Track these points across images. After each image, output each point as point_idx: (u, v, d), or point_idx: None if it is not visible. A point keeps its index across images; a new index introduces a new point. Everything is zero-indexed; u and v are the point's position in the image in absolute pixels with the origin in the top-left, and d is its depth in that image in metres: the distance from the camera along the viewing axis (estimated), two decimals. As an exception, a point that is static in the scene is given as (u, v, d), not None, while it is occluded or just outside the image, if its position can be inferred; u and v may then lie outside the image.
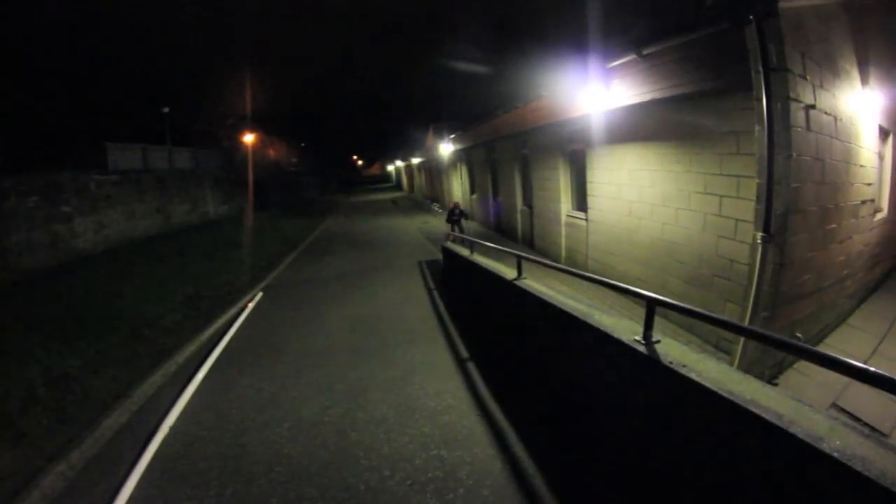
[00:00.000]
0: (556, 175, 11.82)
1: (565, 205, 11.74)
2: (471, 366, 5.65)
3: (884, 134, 8.54)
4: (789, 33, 5.17)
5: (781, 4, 5.05)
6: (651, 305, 3.25)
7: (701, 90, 6.14)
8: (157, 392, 5.59)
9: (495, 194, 18.45)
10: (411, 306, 8.35)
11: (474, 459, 3.77)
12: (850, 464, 1.81)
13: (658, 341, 3.18)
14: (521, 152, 14.68)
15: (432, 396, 4.92)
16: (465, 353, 6.03)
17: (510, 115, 13.81)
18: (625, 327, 3.55)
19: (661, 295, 6.43)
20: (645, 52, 6.77)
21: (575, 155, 10.81)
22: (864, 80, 7.06)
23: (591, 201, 9.96)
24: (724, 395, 2.40)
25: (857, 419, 5.03)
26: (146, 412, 5.09)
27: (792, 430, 2.04)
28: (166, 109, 23.75)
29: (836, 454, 1.86)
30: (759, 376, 5.51)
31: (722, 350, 6.28)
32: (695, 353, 3.02)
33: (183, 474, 3.90)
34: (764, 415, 2.18)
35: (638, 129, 7.76)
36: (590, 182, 9.87)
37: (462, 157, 23.22)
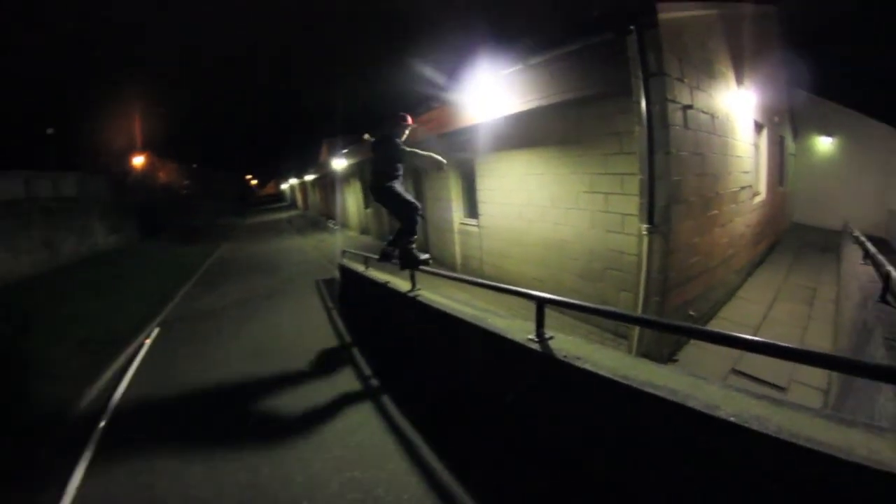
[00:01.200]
0: (448, 184, 11.91)
1: (458, 213, 11.88)
2: (374, 382, 5.63)
3: (758, 127, 9.49)
4: (668, 41, 5.60)
5: (661, 16, 5.48)
6: (541, 305, 3.41)
7: (585, 95, 6.49)
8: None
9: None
10: (311, 329, 8.18)
11: (390, 476, 3.74)
12: (747, 425, 1.98)
13: (552, 337, 3.32)
14: (414, 163, 14.15)
15: (341, 418, 4.85)
16: (367, 371, 5.98)
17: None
18: (518, 328, 3.68)
19: (557, 291, 6.79)
20: (532, 61, 7.13)
21: (466, 163, 10.93)
22: (739, 81, 7.79)
23: (482, 208, 10.23)
24: (620, 380, 2.54)
25: (757, 379, 5.54)
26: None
27: (689, 403, 2.19)
28: (50, 131, 21.75)
29: (732, 419, 2.03)
30: (659, 355, 5.90)
31: (621, 336, 6.66)
32: (589, 344, 3.19)
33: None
34: (660, 393, 2.33)
35: (526, 135, 8.08)
36: (480, 189, 10.16)
37: (356, 171, 22.93)
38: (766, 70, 10.17)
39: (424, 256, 5.67)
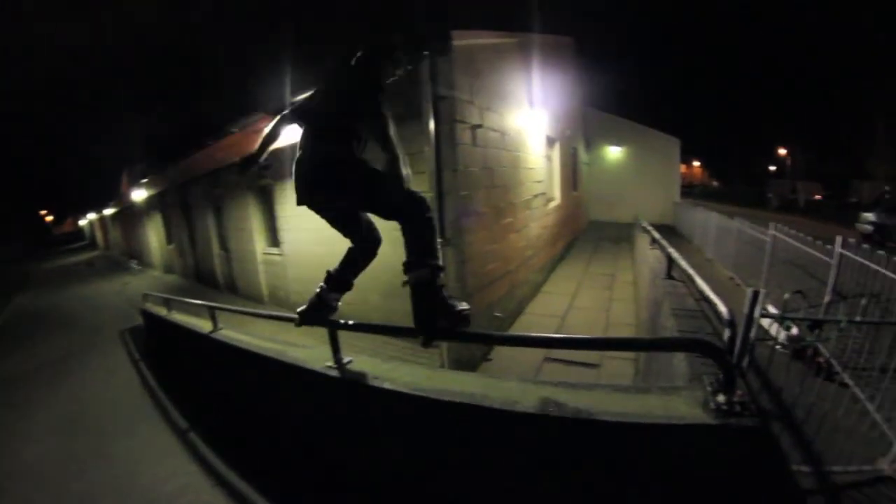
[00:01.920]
0: (249, 213, 11.74)
1: (260, 243, 11.60)
2: (192, 435, 5.27)
3: (551, 141, 10.62)
4: (460, 66, 6.04)
5: (456, 42, 5.88)
6: (334, 331, 3.39)
7: None
8: None
9: (192, 241, 16.97)
10: (120, 385, 7.47)
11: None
12: (546, 412, 2.12)
13: (350, 361, 3.33)
14: (214, 193, 13.86)
15: (164, 480, 4.51)
16: (183, 424, 5.61)
17: (202, 153, 12.89)
18: (318, 356, 3.63)
19: (364, 311, 7.03)
20: None
21: (266, 191, 10.73)
22: (532, 101, 8.64)
23: (283, 235, 10.10)
24: (418, 393, 2.61)
25: (571, 362, 6.16)
26: None
27: (486, 403, 2.31)
28: None
29: (531, 410, 2.16)
30: (471, 359, 6.34)
31: (434, 346, 6.73)
32: (386, 364, 3.25)
33: None
34: (457, 399, 2.42)
35: None
36: (280, 216, 10.05)
37: (157, 203, 20.72)
38: (559, 90, 11.32)
39: (463, 307, 2.62)
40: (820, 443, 3.47)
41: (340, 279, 3.30)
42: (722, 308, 3.63)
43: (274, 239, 10.84)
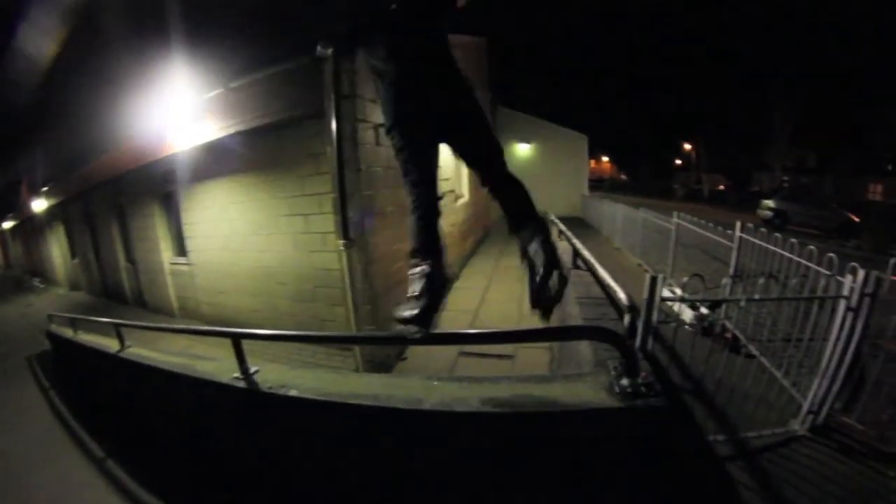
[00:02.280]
0: (154, 222, 10.98)
1: (167, 252, 11.00)
2: (110, 463, 4.94)
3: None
4: (365, 63, 6.02)
5: None
6: (237, 340, 3.26)
7: (283, 119, 6.59)
8: None
9: (97, 254, 15.84)
10: (30, 416, 6.86)
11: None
12: (451, 409, 2.14)
13: (257, 371, 3.24)
14: (118, 201, 12.97)
15: None
16: (99, 453, 5.23)
17: (104, 159, 12.12)
18: (226, 368, 3.48)
19: (273, 318, 6.81)
20: (233, 84, 7.01)
21: (170, 197, 10.23)
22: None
23: (190, 243, 9.68)
24: (324, 398, 2.57)
25: (485, 355, 6.29)
26: None
27: (390, 404, 2.30)
28: None
29: (437, 407, 2.16)
30: (386, 360, 6.31)
31: (348, 349, 6.82)
32: (293, 371, 3.21)
33: None
34: (364, 402, 2.40)
35: (227, 162, 7.79)
36: (186, 224, 9.61)
37: (59, 213, 18.59)
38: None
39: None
40: (734, 412, 3.68)
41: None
42: (621, 294, 3.76)
43: (181, 248, 10.27)
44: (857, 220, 17.64)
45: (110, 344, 5.50)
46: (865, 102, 29.12)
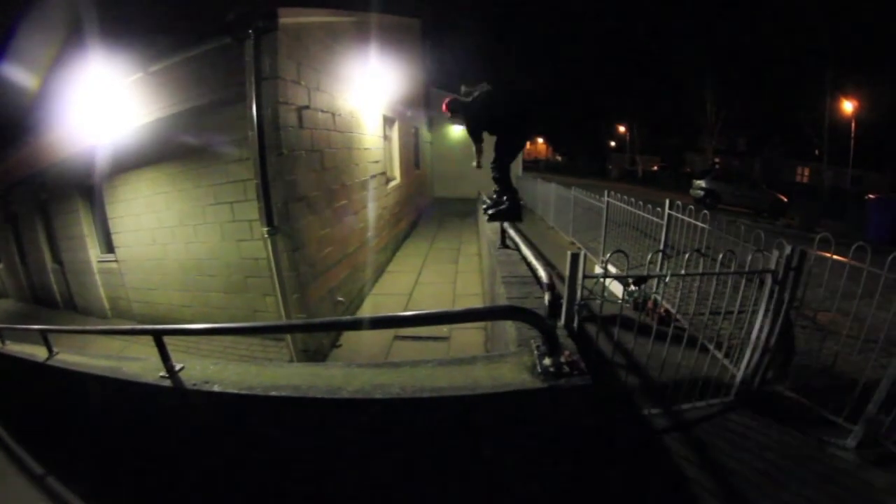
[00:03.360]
0: (79, 218, 10.31)
1: (94, 250, 10.33)
2: (51, 480, 4.51)
3: (389, 121, 10.62)
4: (286, 45, 5.76)
5: (282, 20, 5.57)
6: (159, 337, 3.18)
7: (205, 103, 6.34)
8: None
9: (23, 257, 14.68)
10: None
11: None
12: (370, 396, 2.12)
13: (182, 368, 3.16)
14: (41, 198, 12.09)
15: None
16: (39, 470, 4.75)
17: (23, 153, 11.31)
18: (153, 367, 3.37)
19: (205, 312, 6.60)
20: (152, 68, 6.65)
21: (94, 191, 9.49)
22: (367, 82, 8.52)
23: (117, 239, 9.16)
24: (245, 392, 2.56)
25: (420, 338, 6.36)
26: None
27: (311, 394, 2.27)
28: None
29: (356, 395, 2.14)
30: (320, 348, 6.20)
31: (281, 339, 6.70)
32: (216, 365, 3.12)
33: None
34: (283, 393, 2.38)
35: (150, 151, 7.39)
36: (112, 218, 9.06)
37: None
38: (400, 71, 11.33)
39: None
40: (669, 385, 3.73)
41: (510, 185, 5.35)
42: (542, 273, 3.76)
43: (108, 244, 9.67)
44: (785, 199, 18.65)
45: (38, 352, 5.19)
46: (795, 90, 30.35)
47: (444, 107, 5.22)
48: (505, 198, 5.18)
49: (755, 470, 2.99)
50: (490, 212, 5.28)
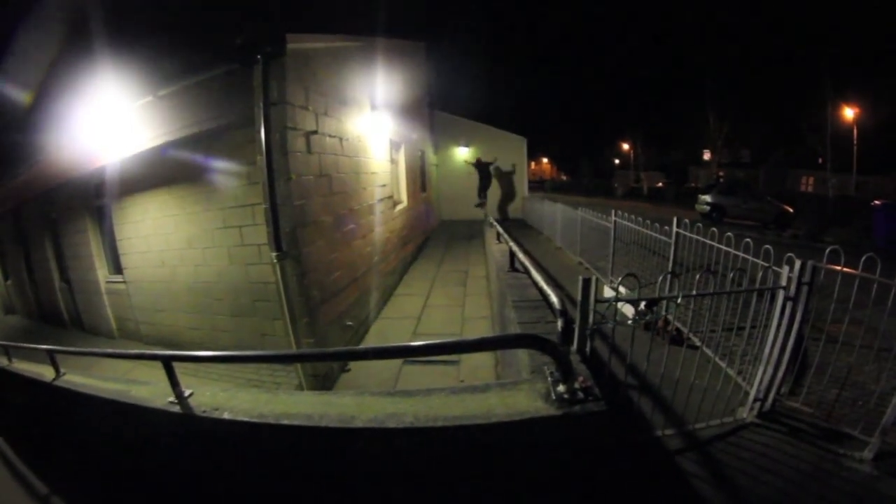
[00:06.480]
0: (87, 238, 10.39)
1: (102, 270, 10.40)
2: (56, 500, 4.48)
3: (395, 145, 10.69)
4: (295, 71, 5.83)
5: (290, 46, 5.64)
6: (168, 363, 3.13)
7: (214, 127, 6.38)
8: None
9: (31, 275, 14.77)
10: None
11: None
12: (384, 425, 2.09)
13: (191, 394, 3.13)
14: (50, 217, 12.17)
15: None
16: (43, 490, 4.73)
17: (34, 171, 11.40)
18: (162, 392, 3.35)
19: (212, 335, 6.59)
20: (162, 92, 6.73)
21: (103, 211, 9.67)
22: (374, 106, 8.59)
23: (125, 260, 9.18)
24: (256, 420, 2.52)
25: (428, 362, 6.30)
26: None
27: (322, 423, 2.24)
28: None
29: (370, 424, 2.13)
30: (330, 372, 6.17)
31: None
32: (227, 392, 3.10)
33: None
34: (297, 422, 2.35)
35: (159, 173, 7.46)
36: (120, 239, 9.10)
37: None
38: (405, 95, 11.45)
39: None
40: (682, 405, 3.68)
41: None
42: (553, 298, 3.70)
43: (116, 265, 9.71)
44: (791, 210, 18.56)
45: (45, 372, 5.17)
46: (797, 100, 30.41)
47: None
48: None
49: (772, 488, 2.95)
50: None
